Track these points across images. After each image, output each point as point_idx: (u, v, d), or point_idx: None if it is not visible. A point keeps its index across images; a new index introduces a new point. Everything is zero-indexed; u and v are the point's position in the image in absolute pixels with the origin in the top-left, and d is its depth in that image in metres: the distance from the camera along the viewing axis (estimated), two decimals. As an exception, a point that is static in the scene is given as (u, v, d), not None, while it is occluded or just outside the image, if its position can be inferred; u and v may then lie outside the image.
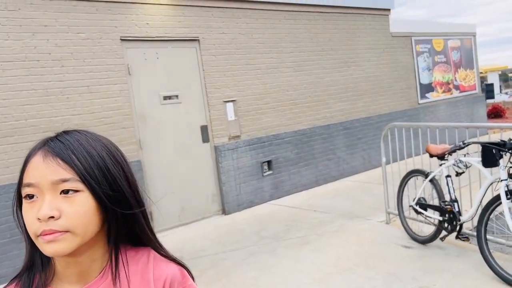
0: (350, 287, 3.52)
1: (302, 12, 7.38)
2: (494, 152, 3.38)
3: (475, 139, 3.89)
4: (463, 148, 3.84)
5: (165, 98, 5.80)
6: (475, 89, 11.36)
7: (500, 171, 3.38)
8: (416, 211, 4.28)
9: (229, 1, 6.38)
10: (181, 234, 5.58)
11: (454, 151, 3.92)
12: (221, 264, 4.37)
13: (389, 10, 8.89)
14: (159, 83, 5.76)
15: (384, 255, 4.13)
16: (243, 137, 6.58)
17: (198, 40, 6.11)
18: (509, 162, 3.37)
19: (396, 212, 4.73)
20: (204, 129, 6.16)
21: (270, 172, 6.90)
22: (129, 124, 5.45)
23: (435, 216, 4.06)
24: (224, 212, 6.33)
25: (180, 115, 5.95)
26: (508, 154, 3.37)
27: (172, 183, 5.83)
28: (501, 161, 3.38)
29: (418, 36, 9.61)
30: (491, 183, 3.51)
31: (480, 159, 3.53)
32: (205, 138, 6.17)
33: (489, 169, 3.55)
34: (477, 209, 3.65)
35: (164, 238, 5.46)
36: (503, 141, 3.38)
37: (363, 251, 4.28)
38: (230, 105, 6.40)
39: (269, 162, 6.89)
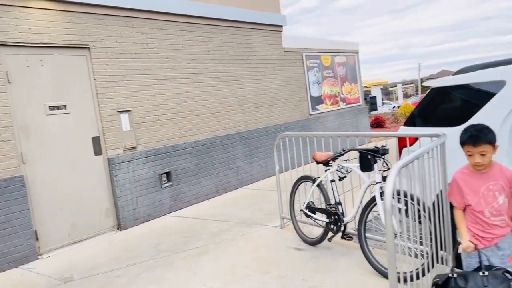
0: (246, 293, 3.62)
1: (199, 24, 7.47)
2: (369, 157, 3.76)
3: (355, 147, 4.29)
4: (343, 154, 4.21)
5: (52, 108, 5.42)
6: (359, 101, 12.50)
7: (375, 175, 3.77)
8: (306, 214, 4.57)
9: (121, 10, 6.21)
10: (72, 253, 5.22)
11: (336, 157, 4.28)
12: (116, 281, 4.18)
13: (281, 26, 9.41)
14: (44, 92, 5.36)
15: (278, 259, 4.32)
16: (139, 148, 6.41)
17: (89, 48, 5.84)
18: (382, 166, 3.78)
19: (290, 216, 4.98)
20: (96, 141, 5.87)
21: (170, 183, 6.81)
22: (9, 137, 4.98)
23: (323, 218, 4.37)
24: (120, 227, 6.08)
25: (69, 126, 5.60)
26: (381, 159, 3.78)
27: (60, 199, 5.43)
28: (375, 165, 3.78)
29: (308, 52, 10.31)
30: (368, 186, 3.90)
31: (358, 164, 3.91)
32: (97, 150, 5.88)
33: (367, 173, 3.94)
34: (358, 210, 4.01)
35: (53, 258, 5.08)
36: (377, 147, 3.78)
37: (259, 257, 4.43)
38: (125, 116, 6.20)
39: (168, 174, 6.79)
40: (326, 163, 4.37)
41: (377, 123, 16.78)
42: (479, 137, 2.49)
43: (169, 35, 6.95)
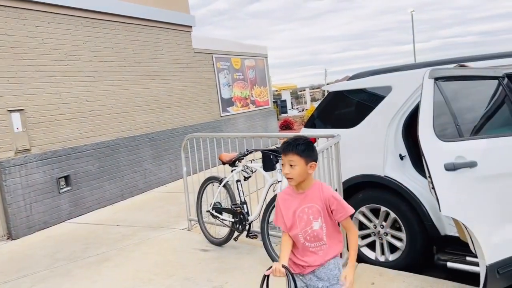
0: (149, 298, 3.52)
1: (102, 20, 7.11)
2: (271, 157, 3.89)
3: (258, 148, 4.40)
4: (247, 155, 4.30)
5: None
6: (268, 104, 12.87)
7: (277, 174, 3.91)
8: (212, 215, 4.58)
9: (11, 0, 5.68)
10: (-50, 269, 4.63)
11: (241, 158, 4.36)
12: (2, 296, 3.81)
13: (191, 27, 9.35)
14: None
15: (183, 261, 4.27)
16: (34, 151, 5.91)
17: (-28, 39, 5.25)
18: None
19: (197, 218, 4.95)
20: (-19, 143, 5.29)
21: (69, 188, 6.37)
22: None
23: (229, 218, 4.41)
24: (11, 236, 5.54)
25: None
26: (282, 159, 3.92)
27: None
28: (277, 165, 3.91)
29: (218, 54, 10.37)
30: (271, 185, 4.03)
31: (262, 164, 4.01)
32: (-17, 153, 5.31)
33: (270, 172, 4.06)
34: (261, 209, 4.12)
35: None
36: (278, 147, 3.92)
37: (163, 260, 4.33)
38: (16, 115, 5.67)
39: (66, 177, 6.35)
40: (232, 163, 4.42)
41: (286, 125, 17.42)
42: (289, 146, 2.23)
43: (68, 29, 6.51)
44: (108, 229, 5.63)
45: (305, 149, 2.21)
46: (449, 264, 3.43)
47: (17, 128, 5.69)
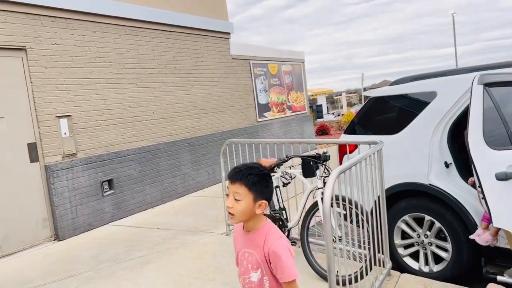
0: (189, 301, 3.57)
1: (144, 28, 7.34)
2: (311, 164, 3.86)
3: (298, 154, 4.38)
4: (286, 161, 4.29)
5: (-18, 112, 5.07)
6: (305, 109, 12.81)
7: (317, 181, 3.88)
8: (251, 221, 4.58)
9: (61, 11, 5.96)
10: (4, 266, 4.89)
11: (280, 164, 4.36)
12: (51, 295, 3.97)
13: (229, 34, 9.47)
14: (-26, 95, 5.01)
15: (222, 266, 4.30)
16: (79, 155, 6.15)
17: (25, 49, 5.54)
18: (323, 173, 3.89)
19: (235, 223, 4.98)
20: (32, 147, 5.57)
21: (112, 191, 6.58)
22: None
23: (268, 224, 4.41)
24: (58, 237, 5.78)
25: (2, 131, 5.27)
26: (323, 166, 3.89)
27: (-9, 209, 5.08)
28: (317, 171, 3.89)
29: (255, 60, 10.44)
30: (311, 191, 4.00)
31: (301, 170, 4.00)
32: (34, 157, 5.58)
33: (309, 179, 4.04)
34: (301, 216, 4.09)
35: (-20, 273, 4.72)
36: (319, 154, 3.89)
37: (203, 264, 4.38)
38: (64, 121, 5.93)
39: (110, 181, 6.57)
40: (271, 169, 4.42)
41: (322, 131, 17.26)
42: (238, 174, 1.85)
43: (112, 38, 6.76)
44: (149, 232, 5.77)
45: (257, 182, 1.82)
46: (499, 278, 3.28)
47: (65, 133, 5.95)
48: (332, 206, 3.34)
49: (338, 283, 2.86)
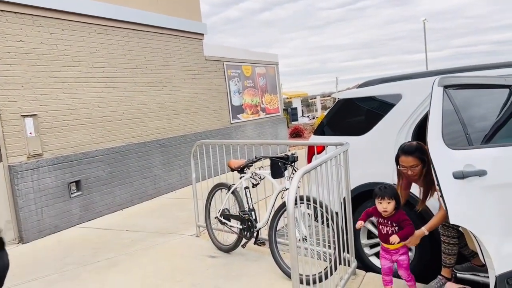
0: (156, 303, 3.53)
1: (115, 27, 7.22)
2: (279, 165, 3.89)
3: (267, 155, 4.40)
4: (255, 162, 4.31)
5: None
6: (279, 112, 12.89)
7: (286, 181, 3.90)
8: (221, 221, 4.58)
9: (27, 7, 5.80)
10: (-38, 271, 4.70)
11: (249, 164, 4.36)
12: (12, 299, 3.85)
13: (202, 34, 9.43)
14: None
15: (191, 267, 4.27)
16: (46, 156, 5.99)
17: (-12, 45, 5.37)
18: (291, 173, 3.92)
19: (205, 224, 4.96)
20: (-5, 147, 5.39)
21: (79, 193, 6.44)
22: None
23: (237, 225, 4.41)
24: (22, 240, 5.61)
25: (-37, 130, 5.09)
26: (291, 167, 3.92)
27: (-51, 211, 4.89)
28: (286, 172, 3.91)
29: (229, 61, 10.44)
30: (279, 192, 4.02)
31: (270, 171, 4.02)
32: (-4, 157, 5.40)
33: (278, 180, 4.06)
34: (269, 216, 4.11)
35: None
36: (287, 155, 3.92)
37: (171, 266, 4.34)
38: (29, 120, 5.77)
39: (77, 182, 6.42)
40: (240, 170, 4.43)
41: (296, 133, 17.39)
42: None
43: (81, 37, 6.62)
44: (117, 234, 5.67)
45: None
46: (459, 274, 3.38)
47: (30, 133, 5.79)
48: (298, 205, 3.37)
49: (302, 282, 2.88)
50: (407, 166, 3.10)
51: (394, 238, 3.08)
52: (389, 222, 3.19)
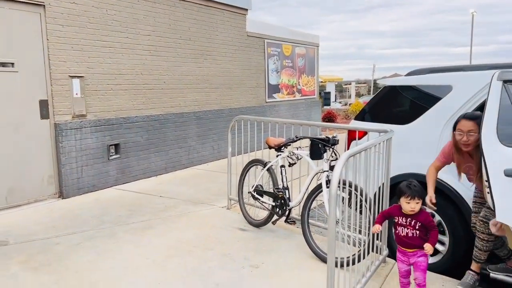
0: (187, 268, 3.66)
1: (163, -4, 7.28)
2: (320, 146, 3.89)
3: (308, 136, 4.41)
4: (295, 141, 4.32)
5: (-3, 64, 5.10)
6: (314, 94, 12.77)
7: (324, 163, 3.91)
8: (253, 197, 4.66)
9: (83, -31, 5.91)
10: (8, 217, 5.00)
11: (288, 144, 4.39)
12: (53, 248, 4.07)
13: (246, 10, 9.38)
14: (-10, 46, 5.03)
15: (222, 237, 4.39)
16: (89, 117, 6.20)
17: (44, 5, 5.53)
18: (331, 156, 3.93)
19: (237, 198, 5.06)
20: (43, 104, 5.61)
21: (117, 156, 6.66)
22: None
23: (269, 201, 4.48)
24: (62, 195, 5.88)
25: (16, 85, 5.31)
26: (330, 150, 3.93)
27: (-1, 161, 5.16)
28: (325, 154, 3.92)
29: (270, 39, 10.36)
30: (316, 174, 4.04)
31: (308, 152, 4.03)
32: (44, 114, 5.63)
33: (315, 161, 4.07)
34: (303, 196, 4.15)
35: (-15, 222, 4.84)
36: (328, 137, 3.92)
37: (203, 234, 4.47)
38: (76, 81, 5.96)
39: (116, 146, 6.63)
40: (278, 148, 4.46)
41: (329, 118, 17.23)
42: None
43: (130, 3, 6.72)
44: (151, 199, 5.86)
45: None
46: (492, 274, 3.35)
47: (76, 94, 5.98)
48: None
49: (336, 265, 2.92)
50: (464, 131, 3.02)
51: (429, 248, 2.84)
52: (412, 224, 2.94)
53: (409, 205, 2.90)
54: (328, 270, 2.61)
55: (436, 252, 3.85)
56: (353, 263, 3.27)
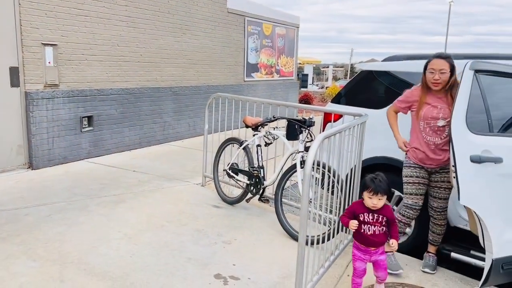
0: (160, 242, 3.69)
1: (142, -34, 7.06)
2: (296, 127, 3.94)
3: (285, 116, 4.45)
4: (272, 121, 4.35)
5: (-35, 27, 4.87)
6: (292, 76, 12.79)
7: (299, 144, 3.97)
8: (228, 174, 4.69)
9: None
10: (-26, 188, 4.87)
11: (265, 123, 4.42)
12: (22, 219, 4.01)
13: (228, -15, 9.21)
14: (-43, 7, 4.79)
15: (196, 213, 4.42)
16: (62, 87, 6.03)
17: (16, -33, 5.28)
18: (306, 138, 3.98)
19: (212, 175, 5.08)
20: (14, 71, 5.41)
21: (90, 128, 6.53)
22: None
23: (244, 180, 4.53)
24: (32, 166, 5.75)
25: (-16, 50, 5.09)
26: (306, 131, 3.98)
27: (-34, 129, 4.99)
28: (300, 136, 3.97)
29: (251, 17, 10.25)
30: (291, 154, 4.10)
31: (285, 132, 4.08)
32: (15, 82, 5.44)
33: (291, 142, 4.12)
34: (278, 176, 4.21)
35: (-50, 190, 4.70)
36: (304, 119, 3.97)
37: (177, 210, 4.49)
38: (49, 49, 5.76)
39: (89, 118, 6.50)
40: (255, 128, 4.49)
41: (305, 100, 17.34)
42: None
43: (108, -29, 6.49)
44: (125, 173, 5.81)
45: None
46: (453, 254, 3.51)
47: (49, 62, 5.80)
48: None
49: (306, 243, 3.00)
50: (436, 70, 3.09)
51: (396, 245, 2.74)
52: (379, 220, 2.74)
53: (371, 201, 2.71)
54: (299, 247, 2.69)
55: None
56: (323, 242, 3.36)
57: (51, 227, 3.88)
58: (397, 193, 3.97)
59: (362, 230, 2.77)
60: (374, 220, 2.74)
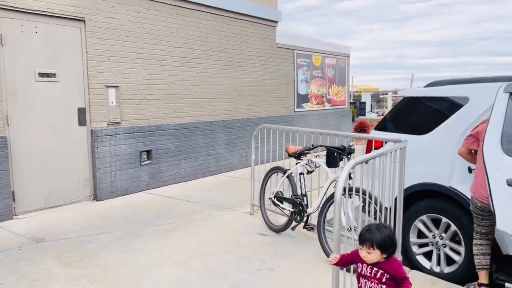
0: (207, 268, 3.86)
1: (194, 10, 7.63)
2: (335, 155, 4.02)
3: (324, 144, 4.53)
4: (312, 149, 4.46)
5: (41, 75, 5.55)
6: (345, 104, 12.79)
7: (339, 172, 4.03)
8: (274, 203, 4.82)
9: (119, -13, 6.34)
10: (47, 217, 5.39)
11: (306, 151, 4.53)
12: (85, 246, 4.39)
13: (276, 22, 9.61)
14: (35, 59, 5.49)
15: (242, 241, 4.57)
16: (123, 124, 6.58)
17: (84, 20, 5.97)
18: (347, 164, 4.03)
19: (259, 204, 5.23)
20: (81, 112, 6.03)
21: (149, 161, 7.00)
22: (-4, 98, 5.12)
23: (289, 208, 4.63)
24: (96, 198, 6.26)
25: (57, 94, 5.75)
26: (347, 158, 4.04)
27: (40, 164, 5.59)
28: (341, 163, 4.04)
29: (300, 50, 10.53)
30: (332, 181, 4.16)
31: (325, 160, 4.16)
32: (82, 121, 6.04)
33: (333, 169, 4.19)
34: (320, 203, 4.26)
35: (28, 219, 5.26)
36: (343, 146, 4.04)
37: (225, 238, 4.67)
38: (112, 91, 6.35)
39: (148, 152, 6.98)
40: (297, 156, 4.61)
41: (361, 128, 17.09)
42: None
43: (164, 17, 7.10)
44: (179, 203, 6.13)
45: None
46: (507, 284, 3.34)
47: (112, 102, 6.38)
48: (349, 196, 3.50)
49: (348, 270, 3.02)
50: None
51: None
52: (377, 276, 2.36)
53: (361, 252, 2.40)
54: (333, 272, 2.73)
55: (452, 261, 3.87)
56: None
57: (109, 253, 4.21)
58: (445, 220, 3.87)
59: (359, 285, 2.47)
60: (372, 275, 2.38)
